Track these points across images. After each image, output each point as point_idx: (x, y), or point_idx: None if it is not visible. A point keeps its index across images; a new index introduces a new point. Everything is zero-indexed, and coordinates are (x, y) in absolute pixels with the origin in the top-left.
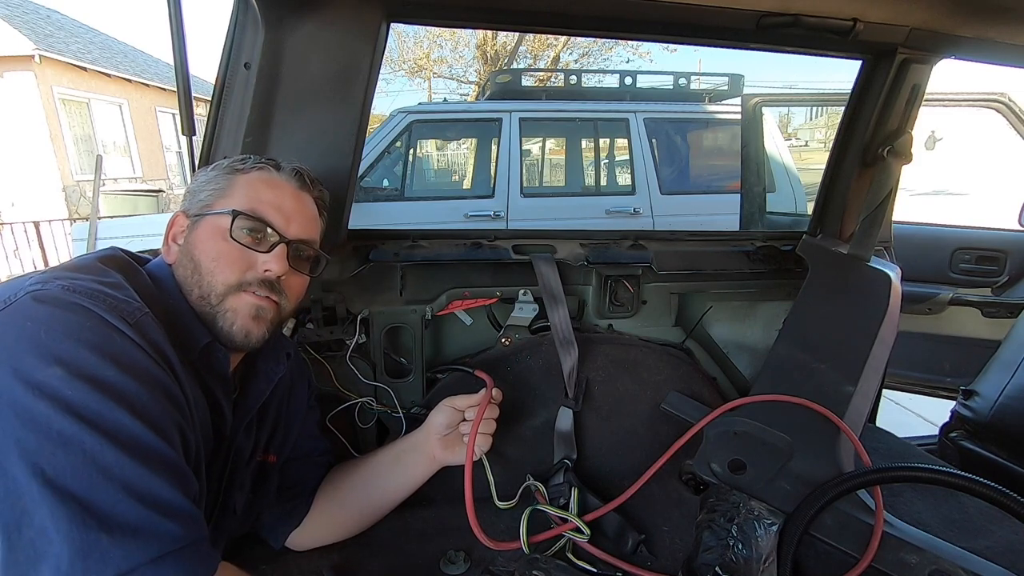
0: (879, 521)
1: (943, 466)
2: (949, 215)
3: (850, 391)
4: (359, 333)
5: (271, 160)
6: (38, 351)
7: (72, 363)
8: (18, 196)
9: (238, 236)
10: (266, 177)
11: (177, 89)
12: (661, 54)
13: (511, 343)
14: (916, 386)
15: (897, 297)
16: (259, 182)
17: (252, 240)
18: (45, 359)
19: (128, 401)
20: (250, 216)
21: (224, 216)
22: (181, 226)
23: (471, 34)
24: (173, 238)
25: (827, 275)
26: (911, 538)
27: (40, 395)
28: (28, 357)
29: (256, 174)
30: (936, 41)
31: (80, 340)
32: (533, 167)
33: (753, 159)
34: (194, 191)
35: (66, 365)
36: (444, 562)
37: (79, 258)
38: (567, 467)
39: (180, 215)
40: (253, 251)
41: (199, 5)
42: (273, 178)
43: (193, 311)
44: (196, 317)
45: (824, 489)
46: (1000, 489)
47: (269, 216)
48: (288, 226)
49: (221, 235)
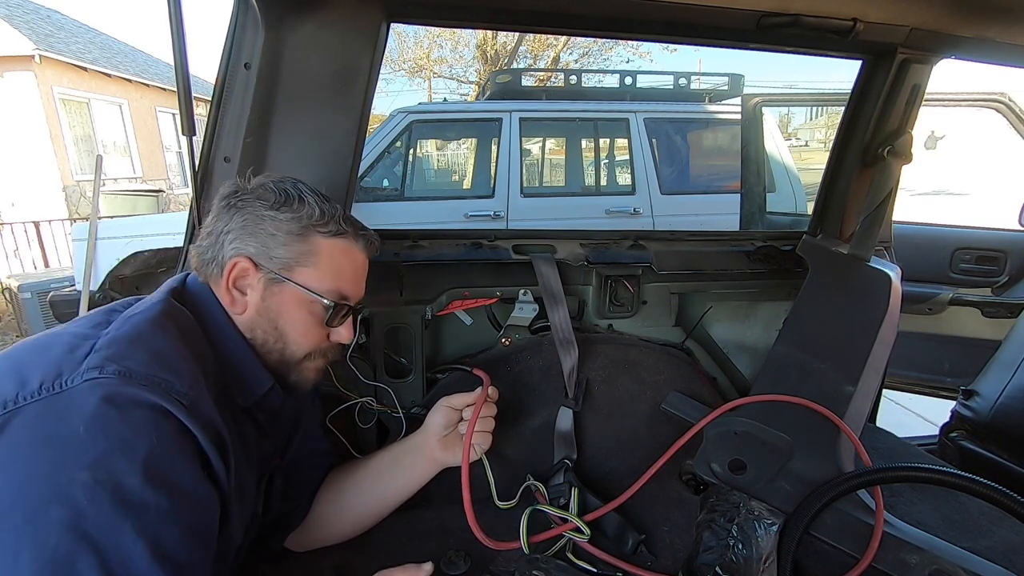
0: (879, 521)
1: (943, 466)
2: (952, 215)
3: (850, 391)
4: (359, 333)
5: (349, 221)
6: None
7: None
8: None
9: (327, 318)
10: (345, 247)
11: (177, 89)
12: (661, 54)
13: (511, 343)
14: (916, 386)
15: (897, 297)
16: (341, 255)
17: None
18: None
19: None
20: (342, 304)
21: (317, 299)
22: (250, 278)
23: (471, 34)
24: (236, 286)
25: (827, 275)
26: (911, 538)
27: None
28: None
29: (338, 243)
30: (936, 41)
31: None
32: (533, 167)
33: (753, 159)
34: (264, 239)
35: None
36: (444, 562)
37: (137, 314)
38: (567, 467)
39: (247, 263)
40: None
41: (199, 5)
42: (352, 248)
43: (257, 358)
44: (260, 365)
45: (824, 490)
46: (1000, 489)
47: (350, 295)
48: (358, 297)
49: (308, 310)
